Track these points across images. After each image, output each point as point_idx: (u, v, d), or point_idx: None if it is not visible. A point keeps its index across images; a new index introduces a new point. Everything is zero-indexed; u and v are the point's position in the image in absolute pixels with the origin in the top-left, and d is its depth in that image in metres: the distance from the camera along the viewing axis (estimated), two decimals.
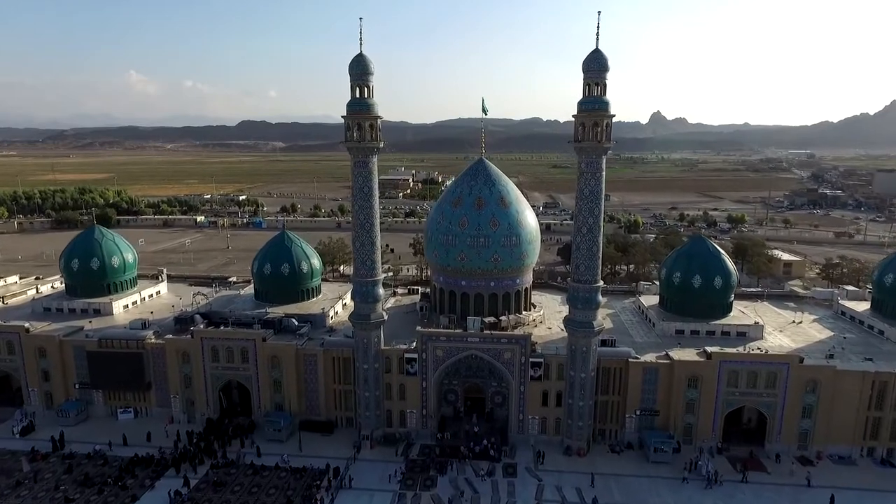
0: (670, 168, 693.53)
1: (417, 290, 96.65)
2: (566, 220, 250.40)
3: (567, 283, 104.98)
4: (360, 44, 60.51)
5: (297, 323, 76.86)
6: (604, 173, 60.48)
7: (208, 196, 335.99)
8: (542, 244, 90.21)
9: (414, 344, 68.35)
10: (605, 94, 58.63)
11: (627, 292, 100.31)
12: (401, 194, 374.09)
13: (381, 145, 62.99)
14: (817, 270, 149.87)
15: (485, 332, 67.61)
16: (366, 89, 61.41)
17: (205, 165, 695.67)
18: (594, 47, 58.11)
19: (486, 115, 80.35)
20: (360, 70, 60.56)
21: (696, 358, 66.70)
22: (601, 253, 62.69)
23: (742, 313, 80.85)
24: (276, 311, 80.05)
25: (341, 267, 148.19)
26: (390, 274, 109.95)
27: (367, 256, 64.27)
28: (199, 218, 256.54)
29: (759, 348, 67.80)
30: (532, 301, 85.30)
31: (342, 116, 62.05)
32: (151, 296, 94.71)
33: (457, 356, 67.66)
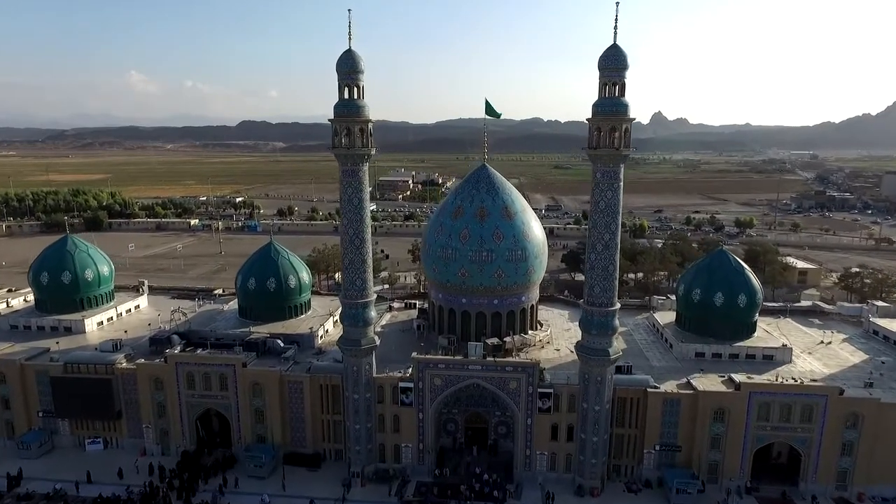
0: (672, 169, 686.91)
1: (415, 304, 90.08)
2: (570, 223, 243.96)
3: (572, 297, 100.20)
4: (349, 38, 54.11)
5: (282, 345, 70.42)
6: (622, 184, 53.92)
7: (204, 198, 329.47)
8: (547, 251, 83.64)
9: (409, 371, 61.88)
10: (623, 94, 52.12)
11: (640, 307, 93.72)
12: (400, 196, 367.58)
13: (373, 151, 56.59)
14: (835, 279, 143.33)
15: (488, 359, 61.03)
16: (355, 89, 54.95)
17: (203, 166, 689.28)
18: (611, 42, 51.60)
19: (498, 117, 73.82)
20: (348, 67, 54.08)
21: (723, 388, 60.15)
22: (617, 272, 56.10)
23: (768, 333, 74.40)
24: (261, 331, 73.63)
25: (336, 275, 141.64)
26: (386, 287, 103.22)
27: (358, 275, 57.77)
28: (193, 221, 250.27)
29: (794, 379, 61.05)
30: (538, 318, 78.82)
31: (329, 120, 55.64)
32: (129, 311, 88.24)
33: (457, 385, 61.17)
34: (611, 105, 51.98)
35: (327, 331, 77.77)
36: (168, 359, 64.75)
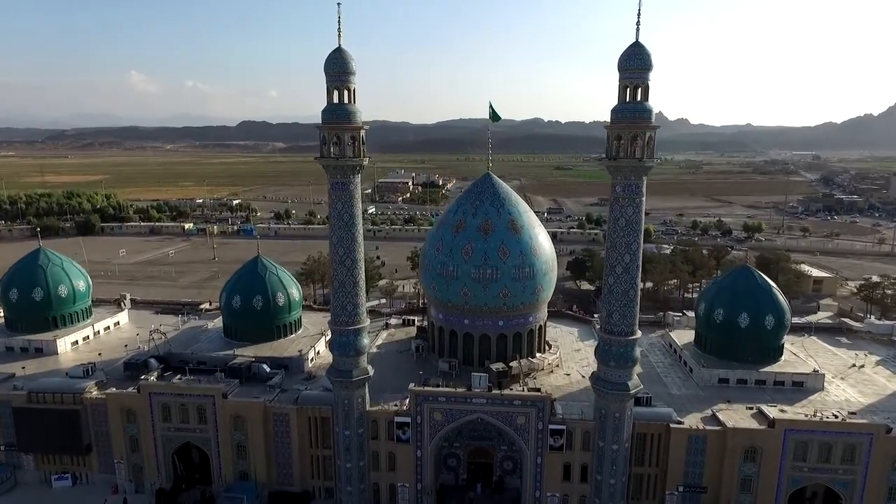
0: (674, 170, 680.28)
1: (414, 321, 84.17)
2: (573, 227, 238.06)
3: (581, 312, 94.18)
4: (339, 35, 48.28)
5: (268, 370, 64.65)
6: (644, 198, 48.10)
7: (200, 200, 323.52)
8: None
9: (407, 403, 56.05)
10: (647, 98, 46.33)
11: (653, 323, 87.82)
12: (400, 198, 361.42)
13: (366, 162, 50.80)
14: (853, 289, 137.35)
15: (493, 392, 55.11)
16: (346, 92, 49.13)
17: (202, 167, 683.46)
18: (633, 40, 45.80)
19: (496, 121, 68.08)
20: (338, 68, 48.25)
21: (755, 424, 54.26)
22: (638, 295, 50.21)
23: (796, 357, 68.58)
24: (246, 354, 67.86)
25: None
26: (383, 301, 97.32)
27: (349, 299, 51.90)
28: (188, 225, 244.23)
29: (834, 414, 54.89)
30: (546, 338, 72.97)
31: (316, 126, 49.82)
32: (108, 328, 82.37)
33: (459, 421, 55.37)
34: (633, 110, 46.16)
35: (319, 352, 71.99)
36: (141, 388, 58.89)
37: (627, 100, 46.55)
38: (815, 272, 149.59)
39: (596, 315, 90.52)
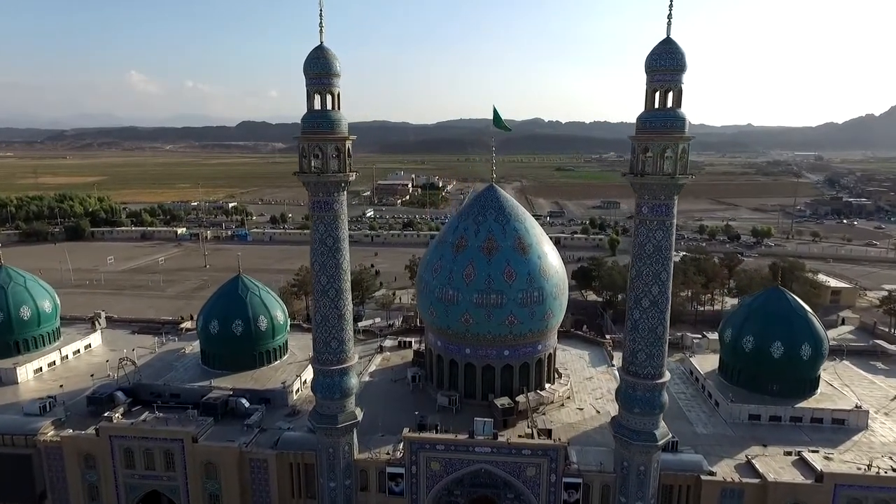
0: None
1: (410, 343, 77.49)
2: (576, 232, 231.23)
3: (591, 333, 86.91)
4: (321, 31, 41.59)
5: (247, 405, 58.00)
6: (675, 220, 41.41)
7: (195, 203, 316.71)
8: None
9: (400, 449, 49.36)
10: (679, 104, 39.58)
11: (671, 345, 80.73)
12: (399, 201, 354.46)
13: (353, 177, 44.10)
14: (874, 301, 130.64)
15: (499, 440, 48.29)
16: (329, 97, 42.44)
17: (200, 168, 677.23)
18: (664, 36, 39.12)
19: (505, 129, 61.51)
20: (319, 69, 41.56)
21: (798, 477, 47.51)
22: (667, 332, 43.44)
23: (833, 389, 61.90)
24: (224, 385, 61.22)
25: None
26: (377, 321, 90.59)
27: (333, 334, 45.18)
28: (180, 230, 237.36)
29: (893, 469, 48.07)
30: (555, 365, 66.26)
31: (294, 137, 43.15)
32: (78, 352, 75.64)
33: (460, 471, 48.65)
34: (664, 118, 39.42)
35: (305, 382, 65.18)
36: (101, 430, 52.16)
37: (657, 106, 39.85)
38: (833, 282, 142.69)
39: (609, 336, 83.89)
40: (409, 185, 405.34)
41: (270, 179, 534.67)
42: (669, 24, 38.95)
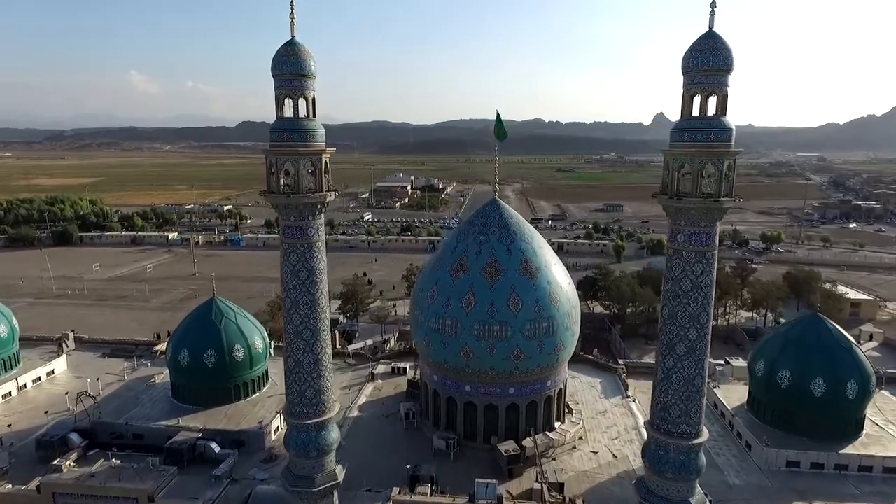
0: None
1: (405, 370, 70.66)
2: (580, 237, 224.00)
3: (603, 358, 79.52)
4: (292, 24, 34.70)
5: (217, 450, 51.19)
6: (716, 251, 34.46)
7: (189, 206, 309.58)
8: None
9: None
10: (725, 111, 32.63)
11: None
12: (398, 204, 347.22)
13: (332, 197, 37.16)
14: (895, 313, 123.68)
15: None
16: (302, 102, 35.50)
17: (199, 169, 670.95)
18: (707, 29, 32.22)
19: (501, 139, 54.55)
20: (289, 69, 34.61)
21: None
22: (706, 384, 36.40)
23: (879, 428, 54.98)
24: (192, 425, 54.35)
25: None
26: (368, 343, 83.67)
27: (308, 382, 38.21)
28: (171, 235, 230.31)
29: None
30: (566, 400, 59.35)
31: (262, 150, 36.21)
32: (39, 380, 68.81)
33: None
34: (706, 129, 32.45)
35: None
36: (42, 486, 45.22)
37: (697, 113, 32.88)
38: (852, 293, 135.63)
39: (622, 361, 76.99)
40: (409, 187, 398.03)
41: None
42: (713, 15, 32.13)
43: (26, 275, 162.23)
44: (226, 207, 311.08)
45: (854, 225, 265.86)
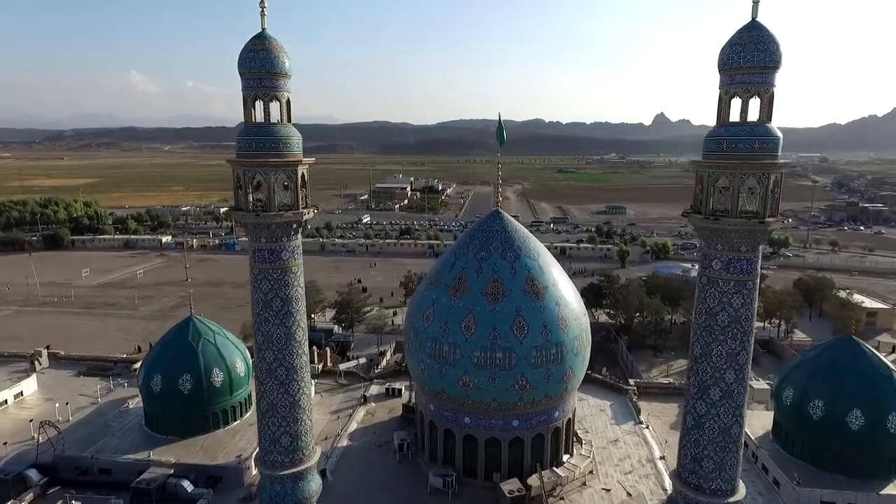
0: (680, 173, 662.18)
1: (400, 392, 65.72)
2: (582, 241, 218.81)
3: (613, 378, 74.13)
4: (262, 14, 29.79)
5: (190, 489, 46.30)
6: (758, 279, 29.51)
7: (186, 208, 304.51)
8: None
9: None
10: (770, 116, 27.68)
11: None
12: (397, 205, 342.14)
13: (311, 214, 32.28)
14: None
15: None
16: (275, 105, 30.60)
17: (197, 169, 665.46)
18: (750, 19, 27.29)
19: (501, 143, 49.56)
20: (260, 67, 29.72)
21: None
22: (743, 434, 31.44)
23: None
24: (165, 458, 49.43)
25: (313, 316, 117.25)
26: (361, 361, 78.56)
27: (284, 428, 33.31)
28: (165, 238, 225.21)
29: None
30: (574, 428, 54.36)
31: (227, 161, 31.33)
32: (5, 404, 63.81)
33: None
34: (748, 137, 27.49)
35: None
36: None
37: (737, 118, 27.92)
38: (868, 301, 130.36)
39: (632, 381, 71.98)
40: (408, 189, 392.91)
41: None
42: (756, 2, 27.18)
43: (13, 281, 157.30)
44: (223, 210, 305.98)
45: (862, 228, 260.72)
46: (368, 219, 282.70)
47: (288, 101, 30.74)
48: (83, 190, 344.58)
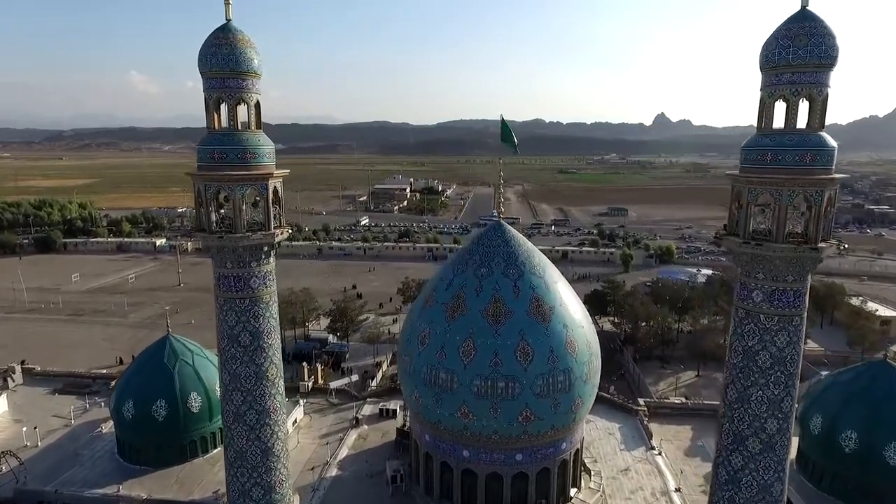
0: (681, 173, 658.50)
1: (395, 413, 61.48)
2: (585, 244, 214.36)
3: (622, 397, 69.11)
4: (227, 2, 25.48)
5: None
6: (805, 313, 25.27)
7: (182, 210, 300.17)
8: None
9: None
10: (823, 123, 23.44)
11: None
12: (396, 207, 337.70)
13: (284, 234, 27.96)
14: None
15: None
16: (242, 110, 26.29)
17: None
18: (798, 9, 23.01)
19: (514, 149, 45.37)
20: (223, 65, 25.46)
21: None
22: (786, 489, 27.23)
23: None
24: (136, 493, 45.21)
25: (307, 325, 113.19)
26: (353, 378, 74.07)
27: (255, 479, 29.06)
28: (160, 241, 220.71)
29: None
30: (582, 457, 50.09)
31: (187, 174, 27.08)
32: None
33: None
34: (799, 147, 23.29)
35: None
36: None
37: (783, 125, 23.65)
38: (882, 309, 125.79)
39: (642, 401, 67.57)
40: (408, 190, 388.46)
41: None
42: None
43: (1, 286, 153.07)
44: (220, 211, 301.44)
45: (869, 231, 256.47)
46: (367, 220, 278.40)
47: (257, 105, 26.48)
48: (80, 191, 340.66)
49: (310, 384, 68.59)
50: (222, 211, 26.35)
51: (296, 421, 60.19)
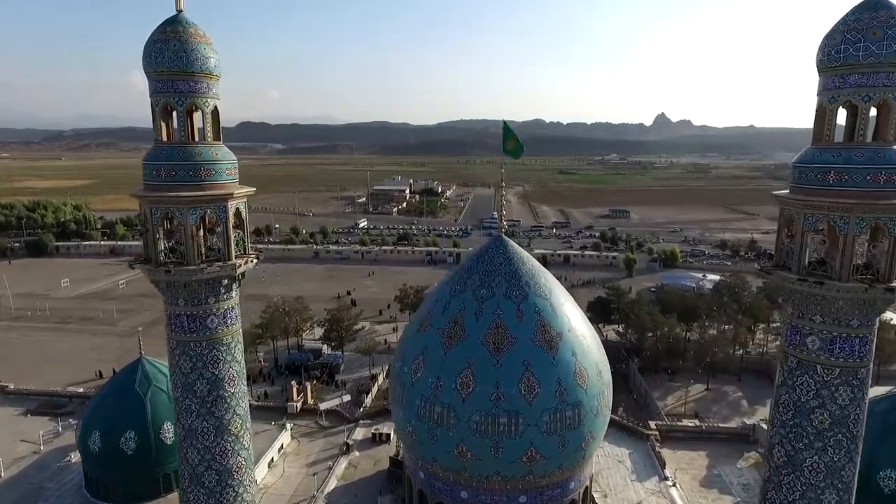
0: (682, 174, 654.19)
1: (389, 437, 57.28)
2: (587, 247, 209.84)
3: (632, 420, 64.33)
4: None
5: None
6: (871, 364, 21.00)
7: None
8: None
9: None
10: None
11: (739, 435, 60.53)
12: (395, 209, 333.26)
13: (251, 264, 23.70)
14: None
15: None
16: (197, 115, 22.03)
17: None
18: None
19: (516, 157, 41.20)
20: (171, 64, 21.31)
21: None
22: None
23: None
24: None
25: (301, 334, 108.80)
26: (346, 398, 69.57)
27: None
28: None
29: None
30: (591, 492, 45.83)
31: (133, 195, 22.86)
32: None
33: None
34: (870, 164, 19.00)
35: None
36: None
37: (842, 137, 19.41)
38: None
39: (654, 424, 63.27)
40: (407, 191, 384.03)
41: (264, 183, 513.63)
42: None
43: None
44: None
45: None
46: (365, 223, 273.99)
47: (215, 111, 22.32)
48: (77, 191, 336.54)
49: (298, 405, 64.40)
50: (174, 239, 22.18)
51: (282, 447, 56.14)
